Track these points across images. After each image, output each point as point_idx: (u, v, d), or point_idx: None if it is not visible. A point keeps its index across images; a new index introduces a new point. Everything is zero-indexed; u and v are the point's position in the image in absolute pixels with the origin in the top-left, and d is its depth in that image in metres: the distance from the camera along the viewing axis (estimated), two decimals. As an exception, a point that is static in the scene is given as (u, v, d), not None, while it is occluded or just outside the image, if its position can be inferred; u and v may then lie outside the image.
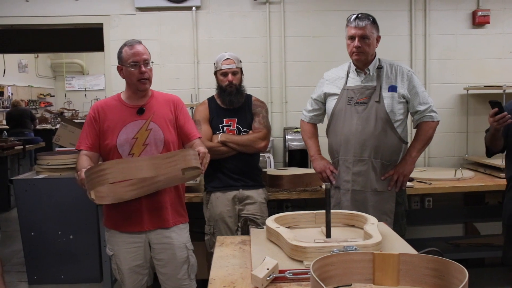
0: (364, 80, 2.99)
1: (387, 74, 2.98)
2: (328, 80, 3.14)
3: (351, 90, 2.99)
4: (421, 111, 2.98)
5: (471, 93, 4.54)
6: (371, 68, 2.97)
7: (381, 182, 2.95)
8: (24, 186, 4.30)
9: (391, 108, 2.92)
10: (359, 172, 2.95)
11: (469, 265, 4.50)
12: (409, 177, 3.03)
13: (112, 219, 2.72)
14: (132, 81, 2.64)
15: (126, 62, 2.61)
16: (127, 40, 2.69)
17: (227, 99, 3.25)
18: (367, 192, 2.94)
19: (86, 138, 2.68)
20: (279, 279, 1.64)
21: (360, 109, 2.94)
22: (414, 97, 2.97)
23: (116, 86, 4.34)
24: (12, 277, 4.59)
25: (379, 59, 3.02)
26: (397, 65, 3.02)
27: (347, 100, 2.98)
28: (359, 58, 2.92)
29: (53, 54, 14.07)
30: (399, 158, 3.01)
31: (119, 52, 2.67)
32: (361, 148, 2.93)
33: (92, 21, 4.44)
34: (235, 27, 4.46)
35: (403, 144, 3.01)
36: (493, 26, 4.56)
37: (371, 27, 2.88)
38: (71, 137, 5.02)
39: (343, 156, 3.00)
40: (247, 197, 3.28)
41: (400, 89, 2.94)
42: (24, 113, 9.48)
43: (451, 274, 1.34)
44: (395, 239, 2.02)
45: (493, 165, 4.06)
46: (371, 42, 2.89)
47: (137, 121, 2.65)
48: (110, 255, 2.77)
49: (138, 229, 2.67)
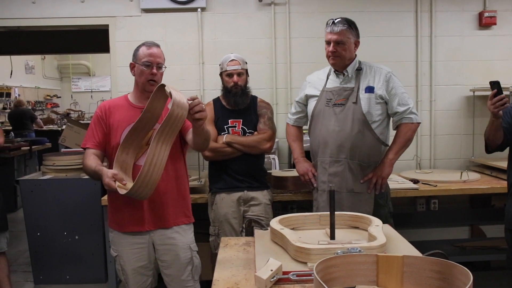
0: (343, 81, 3.01)
1: (365, 75, 2.99)
2: (310, 83, 3.18)
3: (329, 91, 3.02)
4: (400, 112, 2.97)
5: (478, 94, 4.51)
6: (349, 70, 3.00)
7: (359, 183, 2.96)
8: (30, 187, 4.31)
9: (368, 109, 2.92)
10: (335, 173, 2.97)
11: (475, 268, 4.49)
12: (387, 179, 3.02)
13: (116, 220, 2.73)
14: (141, 80, 2.65)
15: (140, 60, 2.63)
16: (147, 41, 2.72)
17: (232, 100, 3.25)
18: (343, 193, 2.94)
19: (93, 136, 2.69)
20: (282, 281, 1.64)
21: (338, 110, 2.96)
22: (393, 98, 2.96)
23: (122, 87, 4.36)
24: (18, 277, 4.61)
25: (360, 61, 3.04)
26: (376, 66, 3.03)
27: (326, 102, 3.01)
28: (335, 62, 2.96)
29: (60, 56, 14.14)
30: (379, 159, 3.01)
31: (136, 49, 2.69)
32: (338, 149, 2.95)
33: (98, 23, 4.45)
34: (240, 28, 4.46)
35: (382, 146, 3.01)
36: (500, 27, 4.53)
37: (347, 32, 2.91)
38: (77, 138, 5.04)
39: (321, 157, 3.02)
40: (252, 198, 3.29)
41: (377, 90, 2.94)
42: (24, 114, 9.54)
43: (455, 276, 1.33)
44: (400, 241, 2.02)
45: (499, 168, 4.04)
46: (346, 47, 2.92)
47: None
48: (114, 256, 2.77)
49: (139, 229, 2.67)
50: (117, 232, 2.73)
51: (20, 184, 4.37)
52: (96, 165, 2.55)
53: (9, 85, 11.38)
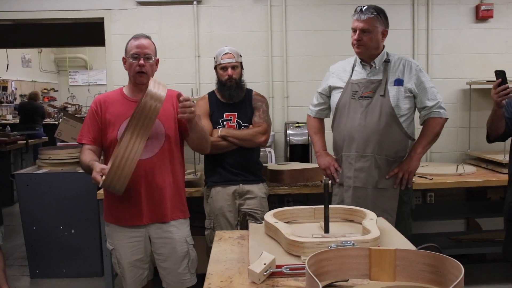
0: (370, 73, 2.91)
1: (394, 67, 2.89)
2: (333, 73, 3.07)
3: (355, 83, 2.91)
4: (429, 107, 2.88)
5: (474, 88, 4.51)
6: (377, 61, 2.89)
7: (384, 179, 2.86)
8: (26, 181, 4.31)
9: (396, 102, 2.83)
10: (361, 168, 2.87)
11: (470, 261, 4.50)
12: (414, 174, 2.94)
13: (112, 213, 2.72)
14: (131, 73, 2.66)
15: (129, 53, 2.63)
16: (136, 33, 2.72)
17: (227, 94, 3.25)
18: (368, 189, 2.86)
19: (88, 131, 2.68)
20: (276, 274, 1.64)
21: (365, 103, 2.86)
22: (422, 92, 2.87)
23: (118, 80, 4.34)
24: (14, 271, 4.61)
25: (387, 53, 2.94)
26: (405, 59, 2.93)
27: (352, 94, 2.90)
28: (360, 51, 2.86)
29: (57, 49, 14.08)
30: (405, 154, 2.92)
31: (127, 43, 2.69)
32: (364, 144, 2.85)
33: (93, 16, 4.43)
34: (236, 21, 4.44)
35: (409, 140, 2.92)
36: (497, 20, 4.52)
37: (374, 20, 2.80)
38: (73, 131, 5.04)
39: (346, 152, 2.93)
40: (247, 191, 3.28)
41: (406, 83, 2.85)
42: (37, 110, 9.42)
43: (447, 270, 1.33)
44: (394, 234, 2.01)
45: (495, 161, 4.05)
46: (373, 36, 2.81)
47: None
48: (110, 249, 2.77)
49: (137, 223, 2.67)
50: (113, 225, 2.73)
51: (16, 178, 4.37)
52: (89, 160, 2.54)
53: (5, 79, 11.33)
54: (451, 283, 1.23)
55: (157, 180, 2.63)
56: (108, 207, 2.75)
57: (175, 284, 2.77)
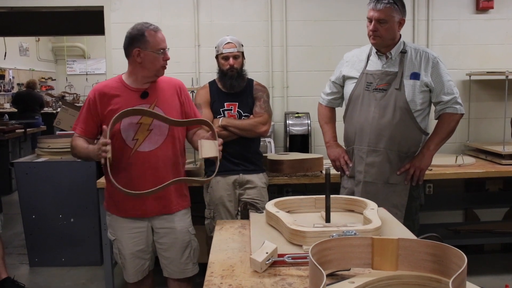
0: (386, 64, 2.82)
1: (410, 59, 2.79)
2: (347, 62, 2.99)
3: (370, 74, 2.83)
4: (445, 101, 2.80)
5: (474, 79, 4.51)
6: (393, 52, 2.80)
7: (395, 174, 2.81)
8: (25, 169, 4.31)
9: (411, 97, 2.74)
10: (373, 163, 2.81)
11: (468, 251, 4.48)
12: (425, 171, 2.86)
13: (114, 204, 2.70)
14: (154, 67, 2.58)
15: (153, 48, 2.54)
16: (145, 23, 2.60)
17: (228, 83, 3.24)
18: (379, 184, 2.80)
19: (83, 122, 2.63)
20: (278, 263, 1.65)
21: (379, 96, 2.78)
22: (438, 86, 2.78)
23: (117, 69, 4.31)
24: (13, 259, 4.62)
25: (404, 42, 2.85)
26: (422, 50, 2.83)
27: (366, 85, 2.82)
28: (376, 42, 2.78)
29: (55, 38, 14.01)
30: (418, 149, 2.84)
31: (139, 34, 2.55)
32: (377, 138, 2.78)
33: (93, 4, 4.40)
34: (237, 11, 4.42)
35: (423, 136, 2.84)
36: (497, 11, 4.51)
37: (390, 10, 2.69)
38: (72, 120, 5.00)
39: (358, 145, 2.87)
40: (247, 181, 3.29)
41: (423, 77, 2.76)
42: (35, 99, 9.30)
43: (449, 259, 1.34)
44: (395, 224, 2.02)
45: (494, 152, 4.05)
46: (389, 26, 2.72)
47: (141, 105, 2.58)
48: (112, 239, 2.76)
49: (141, 215, 2.67)
50: (115, 216, 2.71)
51: (15, 167, 4.36)
52: (88, 145, 2.53)
53: (3, 67, 11.28)
54: (453, 272, 1.24)
55: (161, 172, 2.62)
56: (110, 197, 2.72)
57: (177, 274, 2.78)
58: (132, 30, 2.60)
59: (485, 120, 4.58)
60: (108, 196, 2.75)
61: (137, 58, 2.57)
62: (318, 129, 4.25)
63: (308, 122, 4.12)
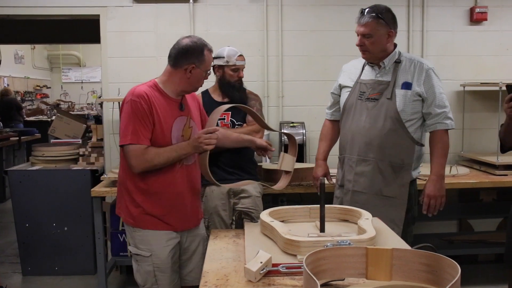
0: (379, 74, 2.81)
1: (404, 69, 2.77)
2: (344, 72, 3.00)
3: (364, 84, 2.83)
4: (434, 114, 2.76)
5: (468, 89, 4.54)
6: (386, 62, 2.79)
7: (391, 186, 2.75)
8: (19, 177, 4.29)
9: (402, 107, 2.71)
10: (362, 173, 2.79)
11: (462, 262, 4.48)
12: (441, 196, 2.83)
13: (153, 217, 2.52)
14: (197, 85, 2.54)
15: (205, 68, 2.50)
16: (202, 39, 2.52)
17: (236, 95, 3.24)
18: (368, 194, 2.77)
19: (145, 131, 2.41)
20: (272, 273, 1.65)
21: (370, 105, 2.77)
22: (430, 97, 2.75)
23: (113, 78, 4.33)
24: (6, 268, 4.59)
25: (400, 52, 2.83)
26: (417, 60, 2.81)
27: (359, 95, 2.82)
28: (365, 56, 2.80)
29: (50, 46, 14.02)
30: (412, 160, 2.78)
31: (199, 51, 2.46)
32: (366, 147, 2.76)
33: (89, 13, 4.40)
34: (232, 20, 4.44)
35: (416, 146, 2.78)
36: (491, 23, 4.55)
37: (374, 24, 2.70)
38: (66, 128, 5.03)
39: (348, 154, 2.86)
40: (242, 190, 3.28)
41: (415, 87, 2.74)
42: (10, 105, 9.31)
43: (443, 269, 1.34)
44: (389, 234, 2.03)
45: (488, 162, 4.07)
46: (374, 40, 2.72)
47: (181, 117, 2.54)
48: (147, 255, 2.53)
49: (181, 228, 2.60)
50: (152, 230, 2.52)
51: (9, 175, 4.35)
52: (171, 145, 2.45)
53: (-2, 75, 11.27)
54: (447, 282, 1.24)
55: (195, 185, 2.65)
56: (146, 213, 2.52)
57: (197, 280, 2.53)
58: (191, 43, 2.48)
59: (479, 130, 4.60)
60: (141, 212, 2.52)
61: (187, 73, 2.48)
62: (313, 139, 4.28)
63: (303, 131, 4.14)
